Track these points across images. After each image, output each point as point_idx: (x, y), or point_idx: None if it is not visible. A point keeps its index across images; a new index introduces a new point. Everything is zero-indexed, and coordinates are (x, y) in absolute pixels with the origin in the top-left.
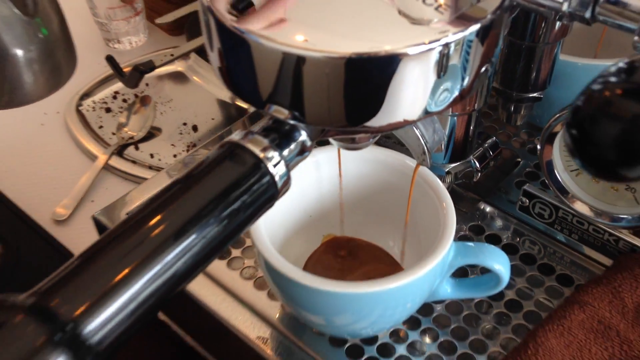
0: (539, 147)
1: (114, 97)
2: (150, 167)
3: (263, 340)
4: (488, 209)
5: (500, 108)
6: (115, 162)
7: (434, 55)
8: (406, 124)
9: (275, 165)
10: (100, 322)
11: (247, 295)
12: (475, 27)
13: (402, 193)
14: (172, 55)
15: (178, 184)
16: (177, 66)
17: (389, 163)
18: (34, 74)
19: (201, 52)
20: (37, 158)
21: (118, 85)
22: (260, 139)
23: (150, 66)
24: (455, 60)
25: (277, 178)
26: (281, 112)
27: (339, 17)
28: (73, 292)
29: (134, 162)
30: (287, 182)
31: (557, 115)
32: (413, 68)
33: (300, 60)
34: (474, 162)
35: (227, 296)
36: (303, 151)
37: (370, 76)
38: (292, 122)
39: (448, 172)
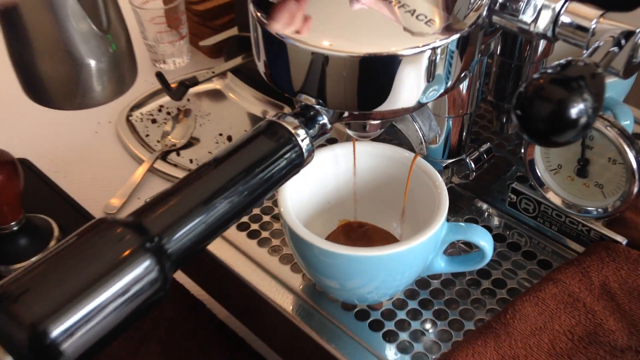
0: (523, 148)
1: (159, 110)
2: (190, 170)
3: (286, 304)
4: (484, 206)
5: (495, 119)
6: (159, 165)
7: (425, 56)
8: (405, 112)
9: (302, 140)
10: (177, 238)
11: (274, 268)
12: (456, 36)
13: (404, 183)
14: (213, 72)
15: (231, 148)
16: (215, 84)
17: (393, 157)
18: (102, 82)
19: (237, 71)
20: (91, 160)
21: (163, 100)
22: (292, 120)
23: (194, 81)
24: (441, 61)
25: (304, 150)
26: (309, 99)
27: (352, 27)
28: (159, 215)
29: (175, 165)
30: (310, 154)
31: None
32: (409, 65)
33: (325, 58)
34: (470, 163)
35: (257, 268)
36: (324, 132)
37: (376, 71)
38: (316, 107)
39: (446, 167)
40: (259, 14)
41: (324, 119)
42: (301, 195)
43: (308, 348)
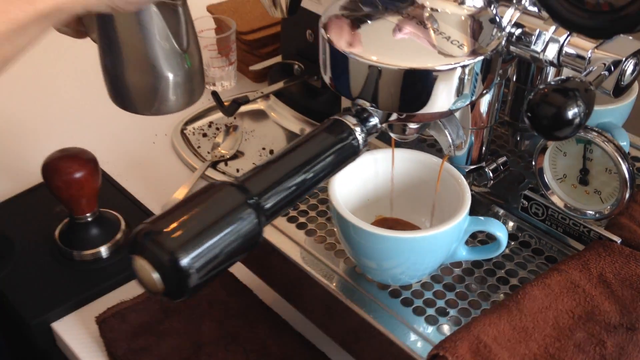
0: (534, 160)
1: (209, 126)
2: (236, 178)
3: (331, 282)
4: (500, 211)
5: (510, 137)
6: (210, 172)
7: (456, 72)
8: (440, 116)
9: (359, 134)
10: (271, 197)
11: (320, 254)
12: (480, 59)
13: (433, 184)
14: (262, 92)
15: (307, 136)
16: (259, 105)
17: (424, 162)
18: (176, 93)
19: (278, 94)
20: (149, 167)
21: (213, 117)
22: (351, 118)
23: (245, 100)
24: (468, 77)
25: (360, 142)
26: (364, 103)
27: (399, 47)
28: (257, 180)
29: (223, 173)
30: (364, 146)
31: None
32: (443, 79)
33: (378, 70)
34: (488, 172)
35: (307, 254)
36: (375, 130)
37: (418, 82)
38: (370, 109)
39: (468, 172)
40: (328, 36)
41: (376, 120)
42: (346, 192)
43: (349, 319)
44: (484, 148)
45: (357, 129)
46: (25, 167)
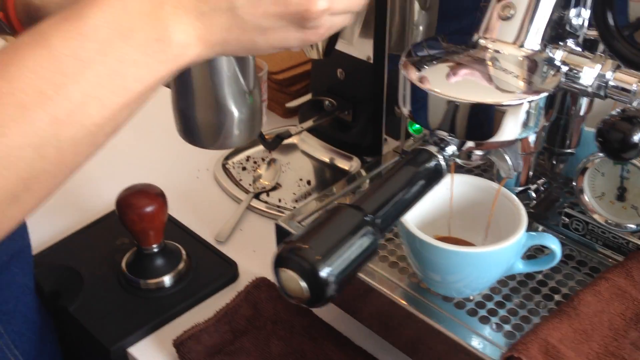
0: (575, 179)
1: (247, 160)
2: (278, 207)
3: (397, 295)
4: (539, 227)
5: (547, 160)
6: (254, 203)
7: (523, 107)
8: (508, 143)
9: (442, 160)
10: (382, 215)
11: (385, 271)
12: (545, 94)
13: (487, 205)
14: (301, 127)
15: (400, 164)
16: (293, 139)
17: (481, 186)
18: (240, 129)
19: (309, 128)
20: (197, 199)
21: (250, 151)
22: (433, 147)
23: (288, 134)
24: (533, 111)
25: (443, 167)
26: (442, 133)
27: (473, 83)
28: (371, 201)
29: (266, 202)
30: (447, 169)
31: (585, 159)
32: (512, 112)
33: (455, 105)
34: (531, 193)
35: (373, 271)
36: (453, 156)
37: (490, 115)
38: (448, 138)
39: (517, 194)
40: (409, 75)
41: (453, 147)
42: (409, 213)
43: (415, 327)
44: (530, 172)
45: (440, 156)
46: (81, 203)
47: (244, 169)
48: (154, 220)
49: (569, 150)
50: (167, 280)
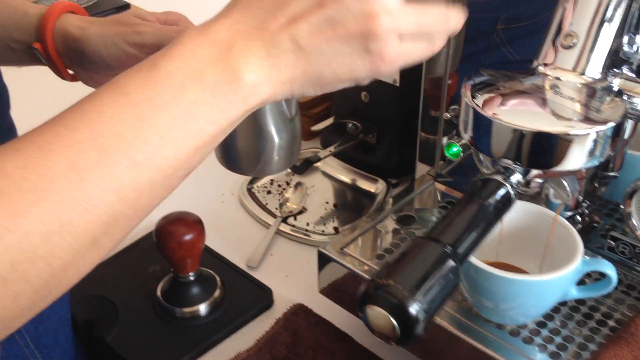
0: (622, 204)
1: (271, 183)
2: (306, 231)
3: (448, 321)
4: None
5: (589, 183)
6: (281, 227)
7: (591, 137)
8: (571, 173)
9: (510, 189)
10: (461, 245)
11: None
12: (612, 124)
13: (541, 232)
14: (330, 151)
15: (469, 194)
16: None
17: (534, 212)
18: (279, 155)
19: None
20: (223, 224)
21: (274, 175)
22: (499, 176)
23: (316, 158)
24: (600, 140)
25: (512, 195)
26: (507, 162)
27: (541, 112)
28: (449, 233)
29: (293, 226)
30: (516, 197)
31: (634, 183)
32: (580, 142)
33: (521, 133)
34: (577, 217)
35: None
36: (519, 184)
37: (559, 144)
38: (514, 167)
39: (567, 219)
40: (473, 103)
41: (519, 176)
42: None
43: (469, 357)
44: (580, 196)
45: (508, 185)
46: None
47: (269, 192)
48: (192, 248)
49: (612, 174)
50: (202, 308)
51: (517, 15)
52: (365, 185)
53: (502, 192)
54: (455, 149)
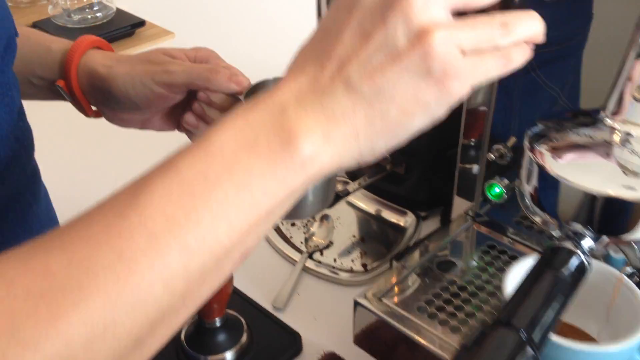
0: None
1: None
2: (333, 267)
3: None
4: None
5: None
6: (308, 263)
7: None
8: None
9: (584, 258)
10: (538, 330)
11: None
12: None
13: (604, 291)
14: (359, 184)
15: (538, 267)
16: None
17: (599, 271)
18: (314, 197)
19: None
20: (248, 259)
21: None
22: (569, 243)
23: (346, 192)
24: None
25: (586, 265)
26: (576, 225)
27: (614, 174)
28: (522, 315)
29: (319, 262)
30: (589, 266)
31: None
32: None
33: (593, 197)
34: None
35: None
36: (591, 251)
37: (632, 210)
38: (585, 233)
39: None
40: (536, 158)
41: (590, 242)
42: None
43: None
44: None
45: (580, 253)
46: None
47: (293, 224)
48: (221, 292)
49: None
50: (229, 356)
51: (547, 39)
52: (393, 217)
53: (575, 262)
54: (497, 190)
